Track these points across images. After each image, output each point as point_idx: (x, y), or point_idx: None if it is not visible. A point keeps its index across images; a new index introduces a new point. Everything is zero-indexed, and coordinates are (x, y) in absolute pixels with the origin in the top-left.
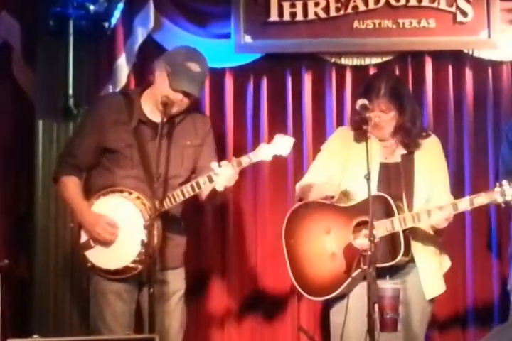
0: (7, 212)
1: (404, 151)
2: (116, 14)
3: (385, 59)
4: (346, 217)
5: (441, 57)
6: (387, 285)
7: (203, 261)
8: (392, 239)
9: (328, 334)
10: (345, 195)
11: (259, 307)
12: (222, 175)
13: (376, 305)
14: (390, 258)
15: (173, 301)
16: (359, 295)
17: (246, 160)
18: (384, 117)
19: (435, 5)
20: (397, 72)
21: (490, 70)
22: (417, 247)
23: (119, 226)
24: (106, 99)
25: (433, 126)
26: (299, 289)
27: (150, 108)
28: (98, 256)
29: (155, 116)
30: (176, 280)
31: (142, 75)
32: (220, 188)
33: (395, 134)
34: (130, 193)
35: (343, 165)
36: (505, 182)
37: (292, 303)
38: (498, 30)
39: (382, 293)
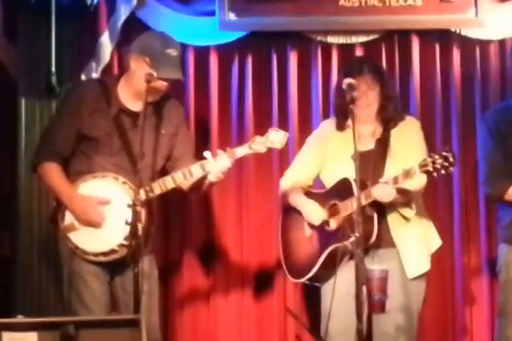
0: None
1: (379, 136)
2: None
3: (371, 37)
4: (320, 201)
5: (428, 35)
6: (375, 266)
7: (188, 239)
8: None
9: (314, 313)
10: (325, 180)
11: (246, 285)
12: (216, 165)
13: (364, 287)
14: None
15: (151, 283)
16: (348, 278)
17: (240, 152)
18: (370, 94)
19: None
20: (383, 51)
21: (477, 49)
22: (394, 229)
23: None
24: (83, 87)
25: (420, 105)
26: (286, 273)
27: (127, 96)
28: (83, 239)
29: (132, 104)
30: (148, 265)
31: None
32: (212, 178)
33: (379, 112)
34: (116, 178)
35: (323, 157)
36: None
37: (279, 282)
38: (485, 8)
39: (370, 274)
